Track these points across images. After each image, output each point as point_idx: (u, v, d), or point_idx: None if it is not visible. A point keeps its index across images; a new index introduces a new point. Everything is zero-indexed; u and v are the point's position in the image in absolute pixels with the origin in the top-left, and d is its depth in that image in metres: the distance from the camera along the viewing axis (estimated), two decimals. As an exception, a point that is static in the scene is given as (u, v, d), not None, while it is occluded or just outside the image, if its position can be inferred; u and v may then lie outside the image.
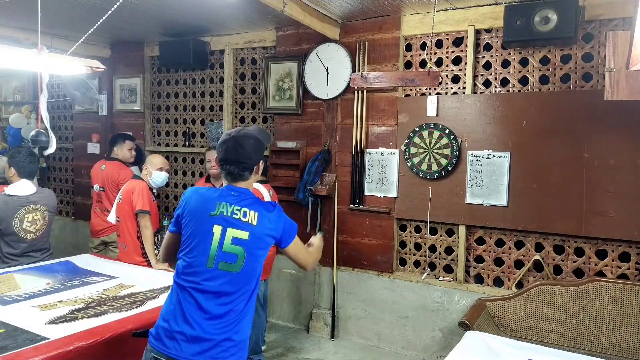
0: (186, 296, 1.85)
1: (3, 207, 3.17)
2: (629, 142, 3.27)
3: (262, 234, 1.89)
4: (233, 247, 1.84)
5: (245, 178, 1.95)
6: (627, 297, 3.22)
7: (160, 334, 1.86)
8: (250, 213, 1.88)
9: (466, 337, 2.63)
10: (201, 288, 1.84)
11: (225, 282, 1.84)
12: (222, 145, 1.94)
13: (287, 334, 4.42)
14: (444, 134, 3.84)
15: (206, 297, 1.84)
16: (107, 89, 5.76)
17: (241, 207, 1.88)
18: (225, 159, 1.93)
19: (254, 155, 1.94)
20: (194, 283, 1.84)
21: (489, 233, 3.80)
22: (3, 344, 1.99)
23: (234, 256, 1.84)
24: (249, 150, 1.92)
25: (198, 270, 1.85)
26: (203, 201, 1.90)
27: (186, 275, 1.86)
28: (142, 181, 3.61)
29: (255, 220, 1.88)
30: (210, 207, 1.87)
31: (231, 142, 1.92)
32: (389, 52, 4.06)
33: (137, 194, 3.51)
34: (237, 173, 1.93)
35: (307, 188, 4.23)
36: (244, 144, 1.91)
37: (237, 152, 1.91)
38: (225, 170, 1.94)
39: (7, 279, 2.85)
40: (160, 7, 4.00)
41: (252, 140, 1.95)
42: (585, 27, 3.43)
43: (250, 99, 4.94)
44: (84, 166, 5.90)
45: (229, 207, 1.87)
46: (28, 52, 2.42)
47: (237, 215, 1.86)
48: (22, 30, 4.66)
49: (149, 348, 1.89)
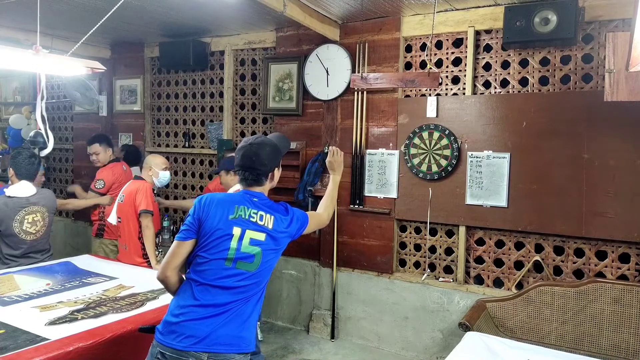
0: (201, 292, 1.90)
1: (3, 209, 3.17)
2: (628, 143, 3.27)
3: (277, 236, 1.99)
4: (251, 248, 1.93)
5: (260, 183, 2.05)
6: (627, 298, 3.22)
7: (168, 329, 1.89)
8: (267, 217, 1.98)
9: (466, 338, 2.63)
10: (218, 284, 1.90)
11: (241, 280, 1.92)
12: (239, 151, 2.05)
13: (287, 335, 4.42)
14: (444, 134, 3.84)
15: (222, 292, 1.90)
16: (107, 89, 5.77)
17: (257, 210, 1.97)
18: (241, 165, 2.03)
19: (268, 162, 2.03)
20: (211, 280, 1.90)
21: (489, 234, 3.80)
22: (3, 345, 1.99)
23: (252, 256, 1.93)
24: (264, 158, 2.01)
25: (215, 268, 1.91)
26: (222, 205, 1.96)
27: (203, 272, 1.91)
28: (145, 182, 3.62)
29: (271, 224, 1.98)
30: (230, 211, 1.95)
31: (247, 149, 2.02)
32: (389, 53, 4.06)
33: (141, 194, 3.53)
34: (252, 179, 2.03)
35: (307, 189, 4.24)
36: (259, 151, 2.01)
37: (251, 159, 2.00)
38: (241, 176, 2.05)
39: (7, 280, 2.85)
40: (160, 8, 4.00)
41: (268, 148, 2.04)
42: (585, 28, 3.43)
43: (251, 99, 4.94)
44: (84, 167, 5.91)
45: (246, 211, 1.96)
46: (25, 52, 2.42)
47: (254, 219, 1.96)
48: (22, 31, 4.67)
49: (155, 343, 1.91)
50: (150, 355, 1.92)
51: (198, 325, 1.86)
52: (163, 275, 1.95)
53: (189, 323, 1.86)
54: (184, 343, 1.84)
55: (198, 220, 1.94)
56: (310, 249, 4.46)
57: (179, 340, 1.85)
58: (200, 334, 1.85)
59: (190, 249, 1.95)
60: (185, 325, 1.86)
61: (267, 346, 4.12)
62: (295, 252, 4.46)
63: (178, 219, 5.30)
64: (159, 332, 1.91)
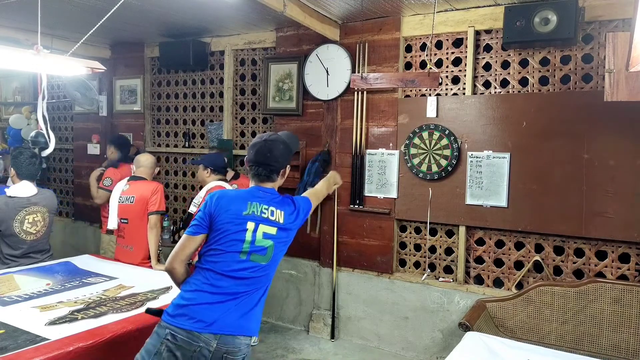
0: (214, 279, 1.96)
1: (4, 209, 3.17)
2: (628, 143, 3.27)
3: (287, 229, 2.08)
4: (264, 241, 2.00)
5: (272, 180, 2.10)
6: (627, 298, 3.22)
7: (179, 311, 1.93)
8: (277, 212, 2.05)
9: (466, 338, 2.63)
10: (232, 275, 1.96)
11: (254, 272, 1.99)
12: (252, 147, 2.08)
13: (287, 335, 4.42)
14: (444, 134, 3.84)
15: (235, 282, 1.96)
16: (107, 89, 5.77)
17: (269, 206, 2.04)
18: (254, 161, 2.07)
19: (281, 159, 2.09)
20: (225, 270, 1.96)
21: (489, 234, 3.80)
22: (3, 345, 2.00)
23: (265, 249, 2.01)
24: (277, 155, 2.07)
25: (230, 260, 1.97)
26: (236, 201, 2.02)
27: (217, 263, 1.97)
28: (159, 183, 3.72)
29: (282, 218, 2.06)
30: (243, 207, 2.01)
31: (262, 145, 2.06)
32: (389, 53, 4.06)
33: (159, 195, 3.60)
34: (265, 175, 2.07)
35: (307, 189, 4.21)
36: (273, 148, 2.06)
37: (265, 155, 2.05)
38: (254, 171, 2.09)
39: (7, 280, 2.86)
40: (160, 8, 4.00)
41: (282, 145, 2.09)
42: (585, 28, 3.43)
43: (251, 99, 4.94)
44: (84, 167, 5.91)
45: (258, 206, 2.03)
46: (26, 52, 2.42)
47: (265, 214, 2.03)
48: (22, 31, 4.67)
49: (164, 324, 1.95)
50: (157, 335, 1.95)
51: (208, 310, 1.92)
52: (171, 266, 2.02)
53: (199, 307, 1.92)
54: (196, 326, 1.90)
55: (209, 216, 1.99)
56: (310, 249, 4.46)
57: (191, 323, 1.90)
58: (209, 319, 1.91)
59: (200, 243, 2.02)
60: (195, 309, 1.92)
61: (267, 346, 4.12)
62: (295, 252, 4.46)
63: (178, 219, 5.30)
64: (168, 314, 1.96)
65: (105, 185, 4.31)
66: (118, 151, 4.62)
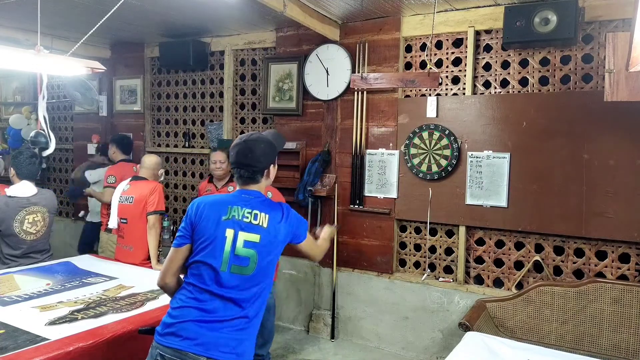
0: (199, 295, 1.88)
1: (4, 208, 3.17)
2: (628, 143, 3.27)
3: (273, 236, 1.94)
4: (245, 250, 1.89)
5: (256, 181, 2.00)
6: (627, 298, 3.22)
7: (167, 330, 1.88)
8: (261, 215, 1.93)
9: (466, 338, 2.63)
10: (217, 291, 1.87)
11: (237, 285, 1.88)
12: (233, 149, 2.00)
13: (287, 335, 4.42)
14: (444, 134, 3.84)
15: (218, 298, 1.87)
16: (107, 89, 5.77)
17: (252, 209, 1.93)
18: (236, 162, 1.99)
19: (263, 159, 1.98)
20: (208, 284, 1.87)
21: (489, 234, 3.80)
22: (3, 345, 1.99)
23: (247, 259, 1.89)
24: (259, 154, 1.97)
25: (211, 272, 1.88)
26: (215, 206, 1.94)
27: (199, 276, 1.89)
28: (158, 183, 3.70)
29: (266, 222, 1.93)
30: (222, 212, 1.92)
31: (242, 146, 1.97)
32: (389, 53, 4.06)
33: (157, 194, 3.58)
34: (248, 176, 1.98)
35: (307, 189, 4.24)
36: (254, 148, 1.96)
37: (246, 156, 1.96)
38: (237, 174, 2.00)
39: (7, 280, 2.86)
40: (160, 8, 4.00)
41: (263, 144, 1.99)
42: (585, 28, 3.43)
43: (251, 99, 4.94)
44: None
45: (240, 211, 1.92)
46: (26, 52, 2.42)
47: (247, 219, 1.91)
48: (22, 31, 4.67)
49: (155, 345, 1.90)
50: (150, 356, 1.91)
51: (195, 327, 1.84)
52: (162, 282, 1.95)
53: (186, 324, 1.85)
54: (183, 344, 1.83)
55: (191, 225, 1.92)
56: (310, 249, 4.45)
57: (178, 341, 1.84)
58: (197, 337, 1.83)
59: (187, 254, 1.94)
60: (181, 326, 1.85)
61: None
62: (295, 252, 4.42)
63: (178, 219, 5.30)
64: (157, 333, 1.90)
65: (109, 182, 4.33)
66: (120, 151, 4.61)
